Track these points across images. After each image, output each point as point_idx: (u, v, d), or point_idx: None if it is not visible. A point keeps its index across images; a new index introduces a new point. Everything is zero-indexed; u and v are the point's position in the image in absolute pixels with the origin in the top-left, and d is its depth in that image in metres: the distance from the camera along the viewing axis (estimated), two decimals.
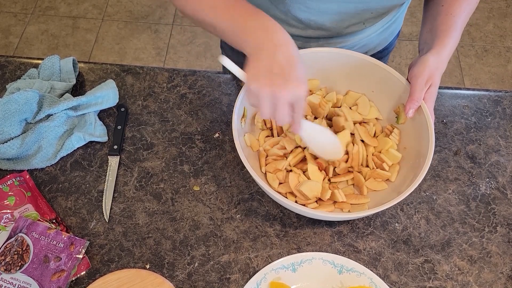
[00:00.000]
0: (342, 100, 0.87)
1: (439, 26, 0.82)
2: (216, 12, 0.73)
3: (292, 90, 0.65)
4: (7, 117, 0.82)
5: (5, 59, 0.98)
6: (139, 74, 0.97)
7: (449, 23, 0.81)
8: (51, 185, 0.83)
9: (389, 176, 0.79)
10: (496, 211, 0.83)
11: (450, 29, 0.81)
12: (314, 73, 0.86)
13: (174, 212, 0.81)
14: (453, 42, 0.81)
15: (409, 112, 0.77)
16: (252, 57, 0.68)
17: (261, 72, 0.66)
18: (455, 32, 0.81)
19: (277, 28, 0.68)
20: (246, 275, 0.76)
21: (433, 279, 0.76)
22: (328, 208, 0.77)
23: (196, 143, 0.88)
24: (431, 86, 0.78)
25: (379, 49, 1.03)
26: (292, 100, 0.66)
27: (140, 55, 2.26)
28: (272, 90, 0.65)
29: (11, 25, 2.35)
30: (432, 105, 0.79)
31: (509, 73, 2.24)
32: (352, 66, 0.84)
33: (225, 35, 0.73)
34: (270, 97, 0.65)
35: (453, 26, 0.81)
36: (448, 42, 0.80)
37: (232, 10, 0.72)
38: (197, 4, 0.75)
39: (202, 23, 0.76)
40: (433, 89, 0.78)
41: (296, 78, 0.65)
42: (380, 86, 0.84)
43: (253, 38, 0.68)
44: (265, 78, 0.65)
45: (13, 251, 0.73)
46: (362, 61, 0.83)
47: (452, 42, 0.80)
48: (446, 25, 0.82)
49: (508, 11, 2.46)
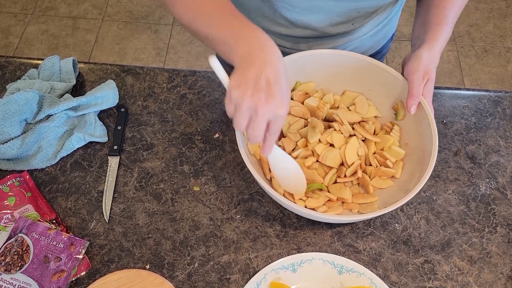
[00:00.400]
0: (339, 100, 0.87)
1: (431, 20, 0.83)
2: (210, 21, 0.71)
3: (273, 107, 0.61)
4: (7, 118, 0.82)
5: (5, 60, 0.98)
6: (139, 74, 0.97)
7: (441, 17, 0.82)
8: (51, 185, 0.83)
9: (394, 173, 0.80)
10: (496, 211, 0.83)
11: (442, 23, 0.81)
12: (308, 75, 0.86)
13: (174, 213, 0.81)
14: (445, 35, 0.81)
15: (411, 108, 0.78)
16: (241, 67, 0.64)
17: (246, 82, 0.62)
18: (446, 25, 0.81)
19: (270, 45, 0.66)
20: (246, 276, 0.76)
21: (433, 280, 0.76)
22: (337, 210, 0.77)
23: (196, 144, 0.88)
24: (428, 81, 0.79)
25: (372, 52, 1.03)
26: (270, 118, 0.63)
27: (140, 56, 2.26)
28: (254, 102, 0.61)
29: (11, 25, 2.35)
30: (430, 99, 0.79)
31: (509, 74, 2.24)
32: (347, 66, 0.84)
33: (217, 44, 0.71)
34: (249, 109, 0.62)
35: (444, 19, 0.82)
36: (440, 36, 0.80)
37: (226, 20, 0.70)
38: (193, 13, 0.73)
39: (196, 33, 0.75)
40: (430, 84, 0.79)
41: (280, 96, 0.62)
42: (377, 84, 0.85)
43: (244, 50, 0.65)
44: (248, 88, 0.62)
45: (13, 252, 0.73)
46: (356, 60, 0.83)
47: (444, 36, 0.81)
48: (437, 19, 0.82)
49: (508, 11, 2.46)
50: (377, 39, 1.01)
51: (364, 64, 0.83)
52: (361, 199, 0.78)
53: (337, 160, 0.79)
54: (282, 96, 0.62)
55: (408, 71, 0.79)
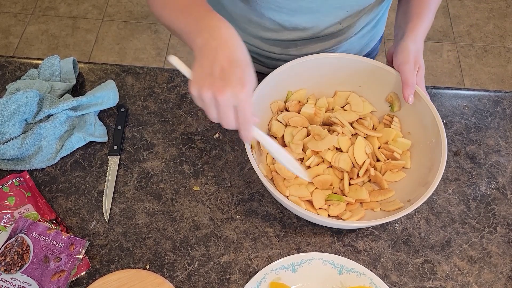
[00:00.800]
0: (333, 102, 0.87)
1: (412, 9, 0.84)
2: (176, 14, 0.71)
3: (232, 93, 0.60)
4: (7, 118, 0.82)
5: (5, 59, 0.98)
6: (139, 74, 0.97)
7: (422, 5, 0.84)
8: (51, 185, 0.83)
9: (404, 164, 0.80)
10: (496, 211, 0.83)
11: (424, 11, 0.83)
12: (299, 83, 0.86)
13: (174, 213, 0.81)
14: (427, 23, 0.83)
15: (409, 98, 0.78)
16: (196, 58, 0.64)
17: (202, 75, 0.62)
18: (428, 13, 0.84)
19: (223, 27, 0.65)
20: (246, 276, 0.76)
21: (433, 280, 0.76)
22: (360, 214, 0.76)
23: (196, 144, 0.88)
24: (419, 69, 0.80)
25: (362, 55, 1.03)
26: (234, 103, 0.61)
27: (140, 55, 2.26)
28: (212, 92, 0.61)
29: (11, 25, 2.35)
30: (423, 86, 0.81)
31: (509, 73, 2.24)
32: (334, 67, 0.84)
33: (182, 37, 0.71)
34: (211, 100, 0.61)
35: (426, 7, 0.84)
36: (421, 25, 0.82)
37: (189, 11, 0.69)
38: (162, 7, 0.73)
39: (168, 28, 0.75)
40: (421, 72, 0.81)
41: (237, 80, 0.61)
42: (366, 79, 0.85)
43: (200, 39, 0.65)
44: (205, 81, 0.61)
45: (13, 252, 0.73)
46: (342, 60, 0.83)
47: (426, 24, 0.83)
48: (419, 8, 0.84)
49: (508, 11, 2.46)
50: (366, 42, 1.02)
51: (350, 62, 0.83)
52: (378, 196, 0.78)
53: (348, 162, 0.80)
54: (238, 79, 0.61)
55: (399, 62, 0.80)
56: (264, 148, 0.82)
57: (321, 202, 0.77)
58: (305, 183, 0.79)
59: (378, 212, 0.77)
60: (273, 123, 0.84)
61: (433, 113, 0.77)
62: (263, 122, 0.84)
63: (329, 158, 0.79)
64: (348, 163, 0.79)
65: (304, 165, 0.80)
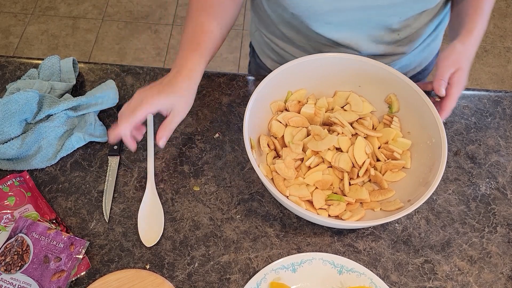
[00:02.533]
0: (332, 102, 0.87)
1: (466, 11, 0.83)
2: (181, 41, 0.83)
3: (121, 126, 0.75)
4: (7, 118, 0.82)
5: (5, 59, 0.98)
6: (139, 74, 0.97)
7: (475, 7, 0.82)
8: (51, 185, 0.83)
9: (404, 163, 0.80)
10: (496, 211, 0.83)
11: (476, 13, 0.81)
12: (299, 83, 0.86)
13: (174, 212, 0.81)
14: (480, 26, 0.81)
15: (440, 90, 0.77)
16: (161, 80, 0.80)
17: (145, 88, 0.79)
18: (481, 16, 0.81)
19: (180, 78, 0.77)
20: (246, 276, 0.76)
21: (433, 280, 0.76)
22: (360, 214, 0.76)
23: (196, 144, 0.88)
24: (458, 69, 0.78)
25: (419, 70, 1.03)
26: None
27: (140, 55, 2.26)
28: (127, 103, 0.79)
29: (11, 25, 2.35)
30: (458, 90, 0.79)
31: (509, 73, 2.24)
32: (334, 67, 0.84)
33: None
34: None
35: (479, 9, 0.81)
36: (474, 27, 0.80)
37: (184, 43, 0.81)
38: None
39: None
40: (461, 73, 0.78)
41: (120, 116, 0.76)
42: (366, 79, 0.85)
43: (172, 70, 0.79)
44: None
45: (13, 252, 0.73)
46: (341, 59, 0.83)
47: (479, 27, 0.81)
48: (472, 9, 0.82)
49: (508, 11, 2.46)
50: (425, 55, 1.00)
51: (350, 62, 0.83)
52: (379, 196, 0.78)
53: (348, 162, 0.79)
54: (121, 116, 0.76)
55: (439, 58, 0.80)
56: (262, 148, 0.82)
57: (321, 202, 0.77)
58: (305, 183, 0.78)
59: (378, 212, 0.77)
60: (273, 123, 0.84)
61: (433, 113, 0.77)
62: (263, 122, 0.84)
63: (329, 158, 0.79)
64: (348, 163, 0.79)
65: (304, 165, 0.80)
